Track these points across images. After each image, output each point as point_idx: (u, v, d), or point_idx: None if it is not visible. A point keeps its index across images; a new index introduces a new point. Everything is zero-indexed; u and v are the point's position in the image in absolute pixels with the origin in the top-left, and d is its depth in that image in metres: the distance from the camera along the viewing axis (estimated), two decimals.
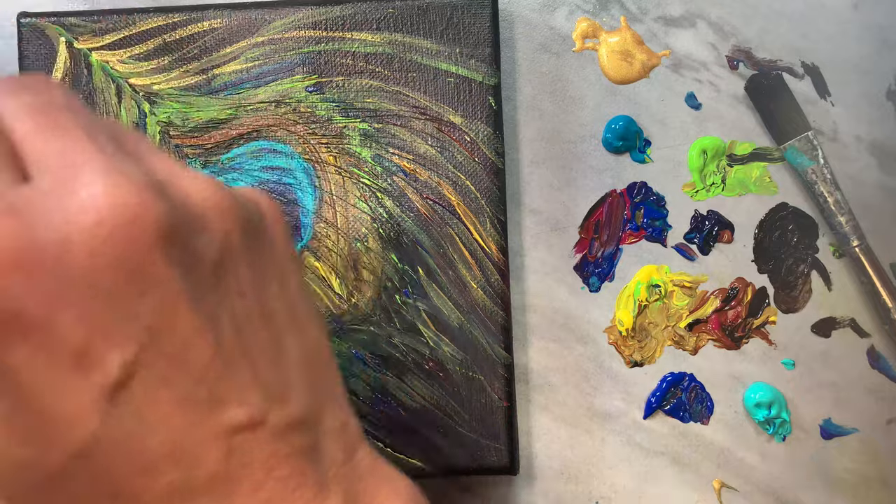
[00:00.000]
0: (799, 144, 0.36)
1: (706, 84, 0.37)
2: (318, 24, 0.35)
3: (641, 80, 0.37)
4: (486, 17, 0.35)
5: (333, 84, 0.35)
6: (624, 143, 0.37)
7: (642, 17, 0.37)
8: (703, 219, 0.37)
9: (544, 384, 0.36)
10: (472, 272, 0.35)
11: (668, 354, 0.37)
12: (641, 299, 0.37)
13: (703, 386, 0.36)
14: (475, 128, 0.35)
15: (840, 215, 0.36)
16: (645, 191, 0.37)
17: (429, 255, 0.35)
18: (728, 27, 0.37)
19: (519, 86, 0.37)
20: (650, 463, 0.36)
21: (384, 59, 0.35)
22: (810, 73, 0.37)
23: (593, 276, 0.37)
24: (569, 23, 0.37)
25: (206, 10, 0.36)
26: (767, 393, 0.36)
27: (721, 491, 0.36)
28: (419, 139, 0.35)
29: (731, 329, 0.37)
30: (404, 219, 0.35)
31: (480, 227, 0.35)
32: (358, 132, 0.35)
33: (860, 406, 0.36)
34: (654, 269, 0.37)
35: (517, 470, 0.35)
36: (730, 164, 0.37)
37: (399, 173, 0.35)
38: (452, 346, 0.35)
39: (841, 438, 0.36)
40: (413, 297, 0.35)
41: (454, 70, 0.35)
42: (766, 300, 0.37)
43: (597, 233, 0.37)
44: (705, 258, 0.37)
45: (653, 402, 0.36)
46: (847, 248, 0.36)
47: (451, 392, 0.34)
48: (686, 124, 0.37)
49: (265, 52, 0.35)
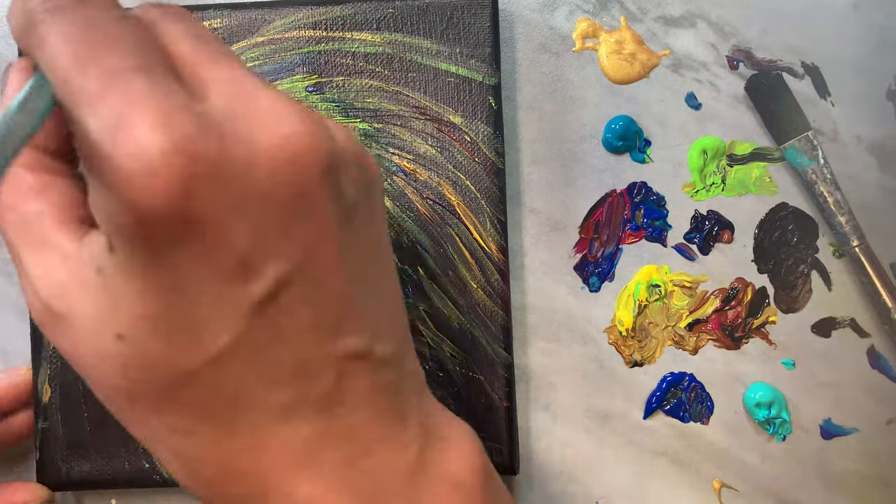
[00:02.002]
0: (799, 144, 0.36)
1: (706, 84, 0.37)
2: (318, 24, 0.35)
3: (641, 80, 0.37)
4: (486, 17, 0.35)
5: (333, 84, 0.35)
6: (624, 143, 0.37)
7: (642, 17, 0.37)
8: (703, 219, 0.37)
9: (544, 384, 0.36)
10: (472, 272, 0.35)
11: (668, 354, 0.37)
12: (641, 299, 0.37)
13: (703, 386, 0.36)
14: (475, 128, 0.35)
15: (840, 215, 0.36)
16: (645, 191, 0.37)
17: (429, 255, 0.35)
18: (728, 27, 0.37)
19: (519, 86, 0.37)
20: (650, 463, 0.36)
21: (384, 59, 0.35)
22: (810, 73, 0.37)
23: (593, 276, 0.37)
24: (569, 23, 0.37)
25: (206, 10, 0.36)
26: (767, 393, 0.36)
27: (721, 491, 0.36)
28: (419, 139, 0.35)
29: (731, 329, 0.37)
30: (404, 219, 0.35)
31: (480, 227, 0.35)
32: (358, 132, 0.35)
33: (860, 406, 0.36)
34: (654, 269, 0.37)
35: (517, 470, 0.35)
36: (730, 164, 0.37)
37: (399, 173, 0.35)
38: (452, 346, 0.35)
39: (841, 438, 0.36)
40: (413, 298, 0.35)
41: (454, 70, 0.35)
42: (766, 300, 0.37)
43: (597, 233, 0.37)
44: (705, 258, 0.37)
45: (653, 402, 0.36)
46: (847, 248, 0.36)
47: (451, 392, 0.34)
48: (686, 124, 0.37)
49: (265, 52, 0.35)
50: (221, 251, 0.19)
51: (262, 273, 0.19)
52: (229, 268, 0.19)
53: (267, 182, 0.19)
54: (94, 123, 0.18)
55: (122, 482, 0.35)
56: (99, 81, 0.18)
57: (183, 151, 0.18)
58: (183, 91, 0.19)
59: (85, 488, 0.36)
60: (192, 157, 0.18)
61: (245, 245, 0.19)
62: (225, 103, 0.19)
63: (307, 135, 0.19)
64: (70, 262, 0.21)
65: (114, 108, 0.18)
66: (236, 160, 0.18)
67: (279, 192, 0.19)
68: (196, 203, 0.18)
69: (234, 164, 0.18)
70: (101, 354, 0.20)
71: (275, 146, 0.19)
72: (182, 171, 0.18)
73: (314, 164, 0.19)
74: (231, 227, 0.19)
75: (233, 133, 0.19)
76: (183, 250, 0.18)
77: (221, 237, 0.19)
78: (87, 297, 0.20)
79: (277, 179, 0.19)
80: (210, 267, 0.19)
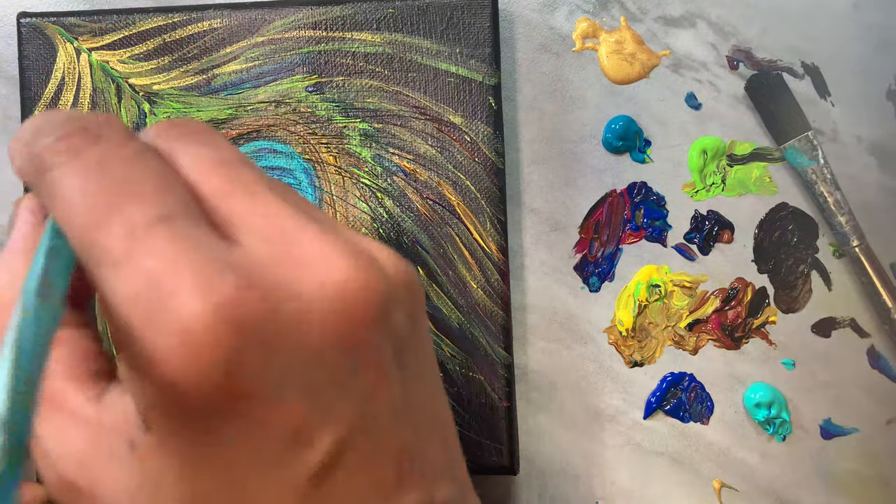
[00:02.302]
0: (799, 144, 0.36)
1: (706, 84, 0.37)
2: (318, 24, 0.35)
3: (641, 80, 0.37)
4: (486, 17, 0.35)
5: (333, 84, 0.35)
6: (624, 143, 0.37)
7: (642, 17, 0.37)
8: (703, 219, 0.37)
9: (544, 384, 0.36)
10: (472, 272, 0.35)
11: (668, 354, 0.37)
12: (641, 299, 0.37)
13: (703, 386, 0.36)
14: (475, 128, 0.35)
15: (840, 215, 0.36)
16: (645, 191, 0.37)
17: (429, 255, 0.35)
18: (728, 27, 0.37)
19: (519, 86, 0.37)
20: (650, 463, 0.36)
21: (384, 59, 0.35)
22: (810, 73, 0.37)
23: (593, 276, 0.37)
24: (569, 23, 0.37)
25: (206, 10, 0.36)
26: (767, 393, 0.36)
27: (721, 491, 0.36)
28: (419, 139, 0.35)
29: (731, 329, 0.37)
30: (404, 219, 0.35)
31: (480, 227, 0.35)
32: (358, 132, 0.35)
33: (860, 406, 0.36)
34: (654, 269, 0.37)
35: (517, 470, 0.35)
36: (730, 164, 0.37)
37: (399, 173, 0.35)
38: (452, 346, 0.35)
39: (841, 438, 0.36)
40: None
41: (454, 70, 0.35)
42: (766, 300, 0.37)
43: (597, 233, 0.37)
44: (705, 258, 0.37)
45: (653, 402, 0.36)
46: (847, 248, 0.36)
47: (452, 392, 0.34)
48: (686, 124, 0.37)
49: (265, 52, 0.35)
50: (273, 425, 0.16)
51: (317, 442, 0.17)
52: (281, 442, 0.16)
53: (320, 340, 0.16)
54: (122, 289, 0.16)
55: None
56: (122, 240, 0.16)
57: (228, 319, 0.15)
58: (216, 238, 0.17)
59: None
60: (238, 325, 0.15)
61: (298, 414, 0.16)
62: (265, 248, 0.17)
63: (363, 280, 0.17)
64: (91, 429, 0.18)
65: (141, 270, 0.16)
66: (287, 321, 0.16)
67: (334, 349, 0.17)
68: (244, 376, 0.16)
69: (285, 325, 0.16)
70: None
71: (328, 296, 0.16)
72: (227, 341, 0.15)
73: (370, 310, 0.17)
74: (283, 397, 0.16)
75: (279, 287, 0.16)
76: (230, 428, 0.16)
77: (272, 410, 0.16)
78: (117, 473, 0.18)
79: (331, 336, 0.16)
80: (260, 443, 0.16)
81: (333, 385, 0.17)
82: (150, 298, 0.15)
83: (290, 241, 0.17)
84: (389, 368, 0.18)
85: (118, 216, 0.16)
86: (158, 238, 0.16)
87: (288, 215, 0.17)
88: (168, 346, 0.15)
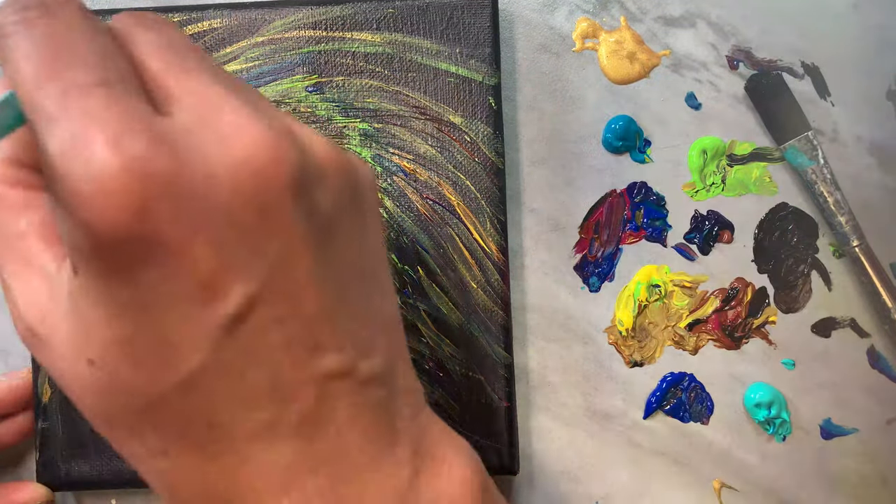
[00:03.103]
0: (799, 144, 0.36)
1: (706, 84, 0.37)
2: (318, 24, 0.35)
3: (641, 80, 0.37)
4: (486, 17, 0.35)
5: (333, 84, 0.35)
6: (624, 143, 0.37)
7: (642, 17, 0.37)
8: (703, 219, 0.37)
9: (544, 384, 0.36)
10: (472, 272, 0.35)
11: (668, 354, 0.37)
12: (641, 299, 0.37)
13: (703, 386, 0.36)
14: (475, 128, 0.35)
15: (840, 215, 0.36)
16: (645, 191, 0.37)
17: (429, 256, 0.35)
18: (728, 27, 0.37)
19: (519, 86, 0.37)
20: (650, 463, 0.36)
21: (384, 59, 0.35)
22: (810, 73, 0.37)
23: (593, 276, 0.37)
24: (569, 23, 0.37)
25: (206, 10, 0.36)
26: (767, 393, 0.36)
27: (721, 491, 0.36)
28: (419, 139, 0.35)
29: (731, 329, 0.37)
30: (404, 219, 0.35)
31: (480, 227, 0.35)
32: (358, 132, 0.35)
33: (860, 406, 0.36)
34: (654, 269, 0.37)
35: (517, 470, 0.35)
36: (730, 164, 0.37)
37: (399, 173, 0.35)
38: (452, 346, 0.35)
39: (841, 438, 0.36)
40: (413, 298, 0.35)
41: (454, 70, 0.35)
42: (766, 300, 0.37)
43: (597, 233, 0.37)
44: (705, 258, 0.37)
45: (653, 402, 0.36)
46: (847, 248, 0.36)
47: (451, 392, 0.34)
48: (686, 124, 0.37)
49: (265, 52, 0.35)
50: (184, 272, 0.18)
51: (228, 293, 0.19)
52: (194, 289, 0.18)
53: (228, 199, 0.18)
54: (51, 143, 0.18)
55: (122, 482, 0.35)
56: (56, 99, 0.18)
57: (135, 170, 0.17)
58: (145, 107, 0.18)
59: (85, 488, 0.36)
60: (145, 176, 0.17)
61: (209, 265, 0.18)
62: (189, 117, 0.19)
63: (271, 148, 0.19)
64: (51, 284, 0.20)
65: (69, 126, 0.17)
66: (194, 177, 0.18)
67: (242, 209, 0.18)
68: (153, 223, 0.17)
69: (192, 182, 0.18)
70: (78, 379, 0.20)
71: (237, 162, 0.18)
72: (136, 190, 0.17)
73: (279, 178, 0.19)
74: (193, 247, 0.18)
75: (191, 149, 0.18)
76: (145, 272, 0.18)
77: (183, 257, 0.18)
78: (63, 321, 0.20)
79: (240, 196, 0.18)
80: (174, 288, 0.18)
81: (243, 243, 0.19)
82: (72, 148, 0.17)
83: (213, 114, 0.19)
84: (306, 238, 0.19)
85: (56, 79, 0.18)
86: (91, 100, 0.18)
87: (217, 93, 0.19)
88: (84, 192, 0.17)
